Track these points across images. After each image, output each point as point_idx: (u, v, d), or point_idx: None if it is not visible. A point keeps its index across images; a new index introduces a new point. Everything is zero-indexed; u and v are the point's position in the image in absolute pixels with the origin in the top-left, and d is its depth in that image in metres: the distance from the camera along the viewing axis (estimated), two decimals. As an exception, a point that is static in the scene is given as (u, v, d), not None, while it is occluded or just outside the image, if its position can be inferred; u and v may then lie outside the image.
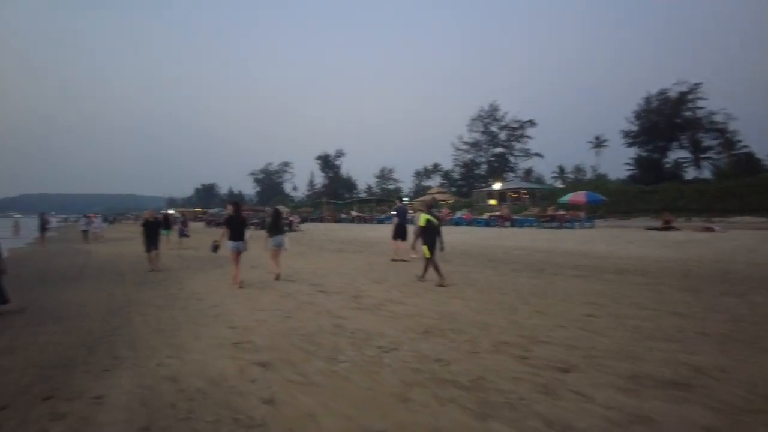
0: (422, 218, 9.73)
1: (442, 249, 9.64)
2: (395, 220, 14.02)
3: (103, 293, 9.79)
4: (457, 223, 34.70)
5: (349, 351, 5.23)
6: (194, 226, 43.31)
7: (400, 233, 13.70)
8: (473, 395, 3.93)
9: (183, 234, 22.04)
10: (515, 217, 32.56)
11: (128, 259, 16.89)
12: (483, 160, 76.39)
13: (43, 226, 26.81)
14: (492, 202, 50.56)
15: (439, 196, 57.09)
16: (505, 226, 29.53)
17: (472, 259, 13.96)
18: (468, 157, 76.92)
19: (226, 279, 10.70)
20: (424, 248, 9.50)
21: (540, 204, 42.49)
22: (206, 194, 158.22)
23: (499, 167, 73.04)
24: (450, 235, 23.66)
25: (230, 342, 5.68)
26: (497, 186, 52.28)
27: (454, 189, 74.63)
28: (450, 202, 55.27)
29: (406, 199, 58.75)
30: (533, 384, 4.13)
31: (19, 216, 60.18)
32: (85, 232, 27.78)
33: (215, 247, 10.71)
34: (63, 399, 4.11)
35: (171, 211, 47.82)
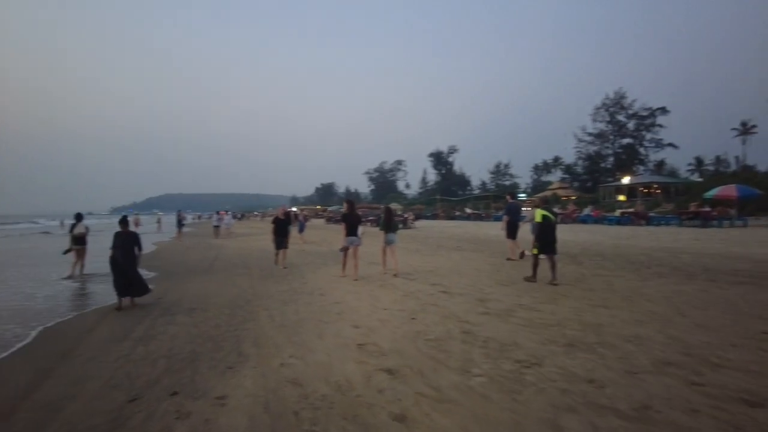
0: (538, 214, 9.15)
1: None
2: (505, 217, 13.32)
3: (231, 286, 10.10)
4: (584, 220, 32.35)
5: (484, 363, 4.61)
6: (315, 222, 45.12)
7: (512, 231, 13.05)
8: (641, 429, 3.15)
9: (302, 229, 22.87)
10: (651, 214, 29.53)
11: (255, 253, 17.67)
12: (609, 152, 69.98)
13: (180, 223, 29.24)
14: (621, 197, 46.69)
15: (560, 192, 54.01)
16: (640, 224, 26.89)
17: (607, 261, 12.57)
18: (592, 149, 70.88)
19: (347, 275, 10.62)
20: (535, 245, 9.02)
21: (675, 200, 38.36)
22: (325, 192, 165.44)
23: (628, 160, 66.61)
24: (579, 234, 22.16)
25: (354, 343, 5.33)
26: (626, 180, 48.08)
27: (576, 184, 69.97)
28: (573, 198, 51.93)
29: (522, 195, 56.53)
30: (717, 420, 3.22)
31: (161, 213, 66.91)
32: (216, 227, 29.86)
33: (343, 249, 10.89)
34: (188, 396, 3.99)
35: (293, 209, 50.16)
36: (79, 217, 12.83)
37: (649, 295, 7.83)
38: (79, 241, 12.50)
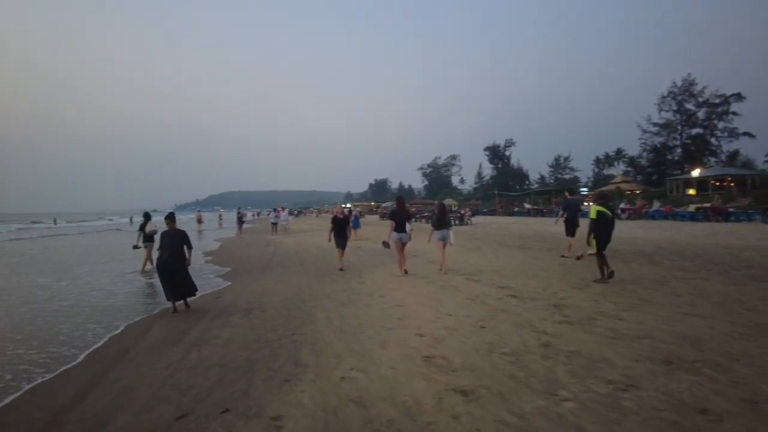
0: (593, 210, 8.70)
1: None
2: (563, 213, 12.84)
3: (288, 284, 9.85)
4: (653, 216, 30.38)
5: (571, 384, 3.98)
6: (369, 219, 44.93)
7: (571, 228, 12.52)
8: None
9: (357, 226, 22.73)
10: (730, 209, 27.27)
11: (311, 250, 17.52)
12: (677, 143, 65.19)
13: (240, 220, 29.71)
14: (690, 191, 43.66)
15: (623, 186, 51.16)
16: (717, 221, 24.87)
17: (687, 261, 11.40)
18: (658, 140, 66.24)
19: (404, 275, 10.17)
20: (594, 243, 8.63)
21: (752, 193, 35.33)
22: (379, 189, 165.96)
23: (697, 151, 61.71)
24: (650, 230, 20.64)
25: (421, 355, 4.79)
26: (696, 173, 44.82)
27: (640, 177, 66.03)
28: (637, 192, 49.05)
29: (584, 190, 53.90)
30: None
31: (222, 210, 69.08)
32: (273, 224, 30.14)
33: (387, 244, 11.39)
34: (241, 415, 3.58)
35: (348, 206, 50.23)
36: (147, 216, 13.32)
37: (747, 302, 6.86)
38: (149, 238, 12.96)
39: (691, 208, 29.45)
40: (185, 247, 7.80)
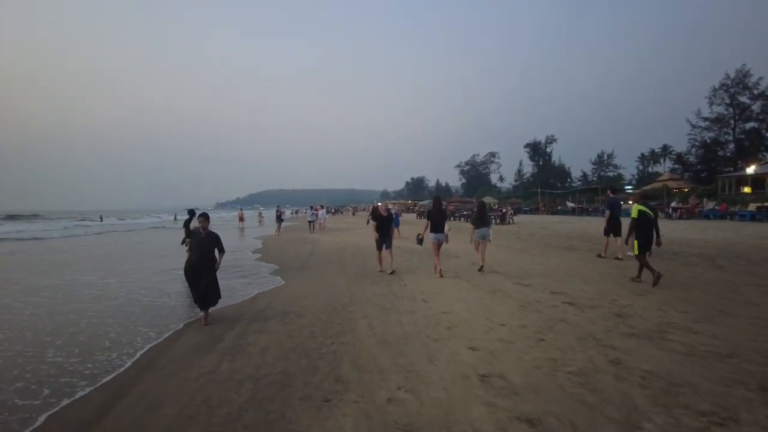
0: (634, 209, 8.61)
1: (658, 244, 8.47)
2: (607, 213, 12.63)
3: (327, 285, 9.48)
4: (707, 215, 28.74)
5: (655, 413, 3.38)
6: (406, 217, 44.40)
7: (613, 228, 12.38)
8: None
9: (397, 224, 22.17)
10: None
11: (349, 248, 17.15)
12: (729, 138, 61.68)
13: (279, 217, 29.62)
14: (745, 189, 41.15)
15: (671, 184, 48.77)
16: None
17: (756, 266, 10.29)
18: (708, 135, 62.77)
19: (447, 277, 9.67)
20: (635, 244, 8.48)
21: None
22: (415, 187, 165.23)
23: (752, 146, 57.71)
24: (707, 231, 19.30)
25: (476, 373, 4.26)
26: (751, 170, 42.18)
27: (688, 175, 62.83)
28: (686, 190, 46.75)
29: (628, 188, 51.66)
30: None
31: (262, 208, 70.08)
32: (311, 222, 29.95)
33: (420, 240, 11.01)
34: (276, 443, 3.16)
35: (384, 203, 49.81)
36: (192, 213, 13.32)
37: None
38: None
39: (752, 207, 27.59)
40: (216, 251, 7.01)
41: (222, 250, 7.04)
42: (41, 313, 7.90)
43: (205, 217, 7.17)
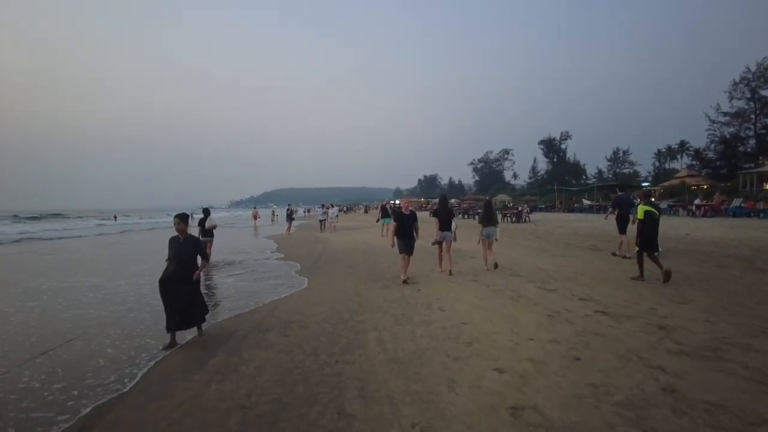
0: (641, 210, 8.58)
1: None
2: (616, 211, 12.52)
3: (335, 289, 8.90)
4: (734, 213, 27.64)
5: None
6: (419, 216, 43.65)
7: (622, 226, 12.30)
8: None
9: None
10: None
11: (360, 249, 16.54)
12: (750, 133, 59.64)
13: (290, 216, 29.02)
14: (768, 186, 39.83)
15: (689, 180, 47.54)
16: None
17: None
18: (728, 131, 60.86)
19: (465, 281, 9.03)
20: (637, 242, 8.55)
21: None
22: (428, 184, 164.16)
23: None
24: (736, 230, 18.29)
25: (505, 404, 3.57)
26: (774, 166, 40.87)
27: (706, 171, 61.00)
28: (705, 187, 45.41)
29: (645, 184, 50.28)
30: None
31: (275, 206, 70.02)
32: (321, 221, 29.32)
33: (437, 242, 10.69)
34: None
35: (397, 202, 49.14)
36: (206, 212, 13.68)
37: None
38: (208, 233, 13.30)
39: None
40: (198, 258, 5.98)
41: (205, 256, 6.16)
42: (31, 321, 7.28)
43: (180, 218, 5.92)
